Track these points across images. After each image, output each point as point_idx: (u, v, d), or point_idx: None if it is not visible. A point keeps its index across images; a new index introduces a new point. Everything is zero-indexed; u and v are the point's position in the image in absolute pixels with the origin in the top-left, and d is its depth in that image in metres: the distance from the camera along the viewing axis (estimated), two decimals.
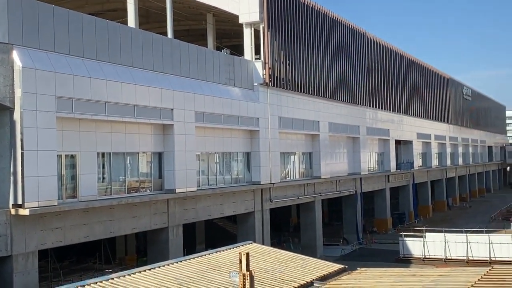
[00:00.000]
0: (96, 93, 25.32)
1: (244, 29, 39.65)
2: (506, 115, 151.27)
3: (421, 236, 43.41)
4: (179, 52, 31.88)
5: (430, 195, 75.39)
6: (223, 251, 19.50)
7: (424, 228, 45.97)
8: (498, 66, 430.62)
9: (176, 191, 30.13)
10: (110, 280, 15.05)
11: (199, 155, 33.54)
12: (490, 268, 16.82)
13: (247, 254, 13.36)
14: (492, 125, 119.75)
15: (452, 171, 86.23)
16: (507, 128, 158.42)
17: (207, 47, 42.57)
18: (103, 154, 26.92)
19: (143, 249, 39.81)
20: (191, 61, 32.74)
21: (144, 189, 29.64)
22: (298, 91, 43.52)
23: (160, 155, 30.44)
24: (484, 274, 15.86)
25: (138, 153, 29.34)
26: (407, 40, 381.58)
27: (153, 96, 28.82)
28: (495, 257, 40.11)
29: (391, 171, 61.98)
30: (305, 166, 46.59)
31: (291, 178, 44.31)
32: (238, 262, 13.52)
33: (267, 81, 39.11)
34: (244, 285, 13.17)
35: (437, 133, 79.89)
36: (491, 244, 40.83)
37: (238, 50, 42.40)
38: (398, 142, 66.80)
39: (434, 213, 73.81)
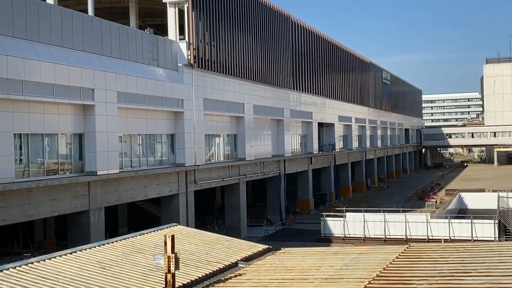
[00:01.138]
0: (12, 72, 24.24)
1: (168, 8, 38.98)
2: (422, 99, 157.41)
3: (341, 216, 44.58)
4: (100, 30, 30.97)
5: (350, 176, 77.50)
6: (147, 233, 19.26)
7: (344, 208, 47.25)
8: (417, 50, 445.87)
9: (98, 173, 29.45)
10: (29, 265, 14.55)
11: (121, 136, 32.88)
12: (407, 246, 17.48)
13: (172, 236, 13.25)
14: (409, 109, 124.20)
15: (371, 153, 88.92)
16: (423, 111, 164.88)
17: (129, 26, 41.58)
18: (20, 135, 25.88)
19: (63, 233, 38.73)
20: (113, 40, 31.89)
21: (63, 171, 28.79)
22: (223, 72, 43.38)
23: (80, 137, 29.60)
24: (402, 252, 16.47)
25: (57, 134, 28.40)
26: (330, 23, 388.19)
27: (73, 75, 27.91)
28: (411, 236, 41.81)
29: (314, 153, 63.17)
30: (230, 148, 46.67)
31: (216, 160, 44.29)
32: (163, 244, 13.40)
33: (192, 62, 38.72)
34: (169, 267, 13.07)
35: (358, 116, 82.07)
36: (407, 223, 42.50)
37: (162, 30, 41.67)
38: (320, 125, 68.09)
39: (354, 194, 75.99)
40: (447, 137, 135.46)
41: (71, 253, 16.10)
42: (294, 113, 58.28)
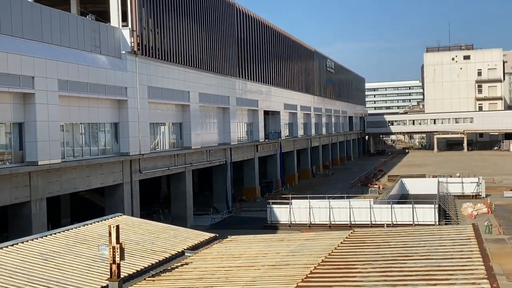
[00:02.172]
0: None
1: None
2: (365, 87, 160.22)
3: (287, 203, 44.99)
4: (40, 17, 30.03)
5: (296, 164, 78.24)
6: (91, 224, 18.91)
7: (290, 196, 47.69)
8: (360, 39, 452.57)
9: (39, 163, 28.69)
10: None
11: (63, 125, 32.11)
12: (351, 231, 17.78)
13: (117, 227, 13.05)
14: (352, 97, 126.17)
15: (316, 140, 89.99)
16: (366, 99, 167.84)
17: (70, 12, 40.48)
18: None
19: (4, 225, 37.57)
20: (53, 27, 30.99)
21: (3, 162, 27.91)
22: (168, 60, 42.88)
23: (20, 126, 28.72)
24: (346, 237, 16.75)
25: None
26: (275, 12, 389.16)
27: (11, 63, 26.99)
28: (355, 221, 42.61)
29: (260, 141, 63.42)
30: (175, 137, 46.29)
31: (161, 148, 43.86)
32: (107, 235, 13.18)
33: (135, 49, 38.09)
34: (114, 257, 12.88)
35: (303, 104, 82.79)
36: (351, 209, 43.29)
37: (104, 16, 40.74)
38: (266, 113, 68.36)
39: (299, 181, 76.81)
40: (389, 124, 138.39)
41: (12, 245, 15.66)
42: (240, 101, 58.27)
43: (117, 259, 12.90)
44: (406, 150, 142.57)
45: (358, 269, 12.95)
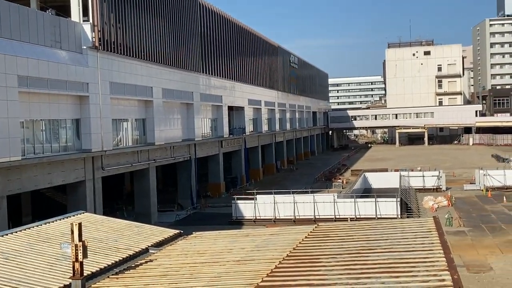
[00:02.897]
0: None
1: None
2: (329, 83, 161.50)
3: (252, 199, 45.08)
4: None
5: (261, 159, 78.43)
6: (53, 222, 18.59)
7: (255, 191, 47.78)
8: (323, 35, 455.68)
9: None
10: None
11: (23, 122, 31.46)
12: (316, 225, 17.90)
13: (79, 224, 12.86)
14: (316, 92, 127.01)
15: (281, 135, 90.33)
16: (330, 94, 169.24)
17: (29, 6, 39.64)
18: None
19: None
20: (12, 22, 30.30)
21: None
22: (130, 55, 42.42)
23: None
24: (310, 232, 16.85)
25: None
26: (238, 8, 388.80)
27: None
28: (319, 215, 42.95)
29: (224, 136, 63.32)
30: (138, 133, 45.86)
31: (124, 145, 43.41)
32: (70, 233, 12.98)
33: (97, 44, 37.57)
34: (76, 256, 12.69)
35: (267, 99, 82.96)
36: (315, 204, 43.61)
37: (64, 11, 40.03)
38: (230, 108, 68.27)
39: (264, 176, 77.03)
40: (352, 119, 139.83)
41: None
42: (204, 96, 58.05)
43: (80, 257, 12.72)
44: (369, 145, 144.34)
45: (322, 263, 13.05)
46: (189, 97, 54.24)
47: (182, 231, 19.14)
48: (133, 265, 15.04)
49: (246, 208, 44.82)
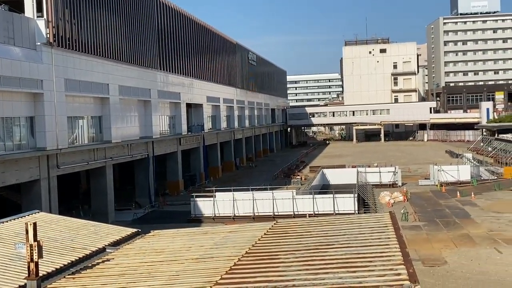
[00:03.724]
0: None
1: None
2: (287, 80, 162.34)
3: (211, 196, 44.95)
4: None
5: (220, 157, 78.28)
6: (7, 222, 18.16)
7: (214, 188, 47.64)
8: (281, 32, 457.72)
9: None
10: None
11: None
12: (274, 222, 17.98)
13: (34, 224, 12.60)
14: (274, 89, 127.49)
15: (240, 133, 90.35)
16: (288, 92, 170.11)
17: None
18: None
19: None
20: None
21: None
22: (86, 52, 41.72)
23: None
24: (269, 228, 16.92)
25: None
26: (199, 4, 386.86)
27: None
28: (278, 212, 43.14)
29: (183, 134, 62.94)
30: (95, 131, 45.17)
31: (80, 143, 42.69)
32: (24, 232, 12.70)
33: (52, 41, 36.82)
34: (31, 256, 12.43)
35: (226, 96, 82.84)
36: (274, 200, 43.79)
37: (18, 7, 39.07)
38: (189, 105, 67.91)
39: (223, 174, 76.89)
40: (310, 116, 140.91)
41: None
42: (162, 94, 57.57)
43: (35, 257, 12.46)
44: (327, 142, 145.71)
45: (281, 259, 13.11)
46: (147, 94, 53.71)
47: (139, 230, 18.96)
48: (90, 265, 14.82)
49: (205, 206, 44.66)
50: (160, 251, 15.68)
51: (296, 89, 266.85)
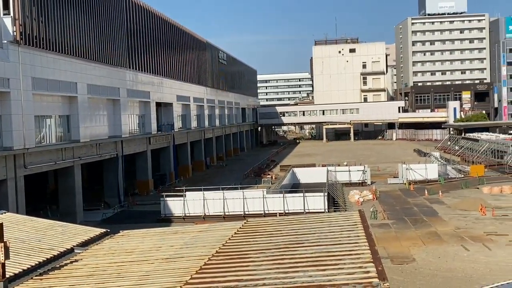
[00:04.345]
0: None
1: None
2: (258, 79, 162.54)
3: (181, 196, 44.76)
4: None
5: (190, 156, 77.96)
6: None
7: (184, 188, 47.45)
8: (251, 32, 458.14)
9: None
10: None
11: None
12: (245, 221, 17.97)
13: (1, 225, 12.37)
14: (245, 88, 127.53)
15: (210, 132, 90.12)
16: (258, 91, 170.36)
17: None
18: None
19: None
20: None
21: None
22: (54, 50, 41.14)
23: None
24: (240, 227, 16.91)
25: None
26: (166, 4, 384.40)
27: None
28: (249, 211, 43.19)
29: (153, 133, 62.53)
30: (63, 130, 44.57)
31: (48, 142, 42.08)
32: None
33: (18, 38, 36.24)
34: None
35: (196, 95, 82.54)
36: (245, 200, 43.81)
37: None
38: (158, 105, 67.49)
39: (193, 173, 76.63)
40: (281, 115, 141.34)
41: None
42: (131, 92, 57.09)
43: (2, 258, 12.24)
44: (297, 141, 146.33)
45: (251, 258, 13.12)
46: (116, 93, 53.19)
47: (108, 230, 18.76)
48: (58, 266, 14.62)
49: (175, 205, 44.46)
50: (130, 251, 15.54)
51: (266, 88, 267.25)
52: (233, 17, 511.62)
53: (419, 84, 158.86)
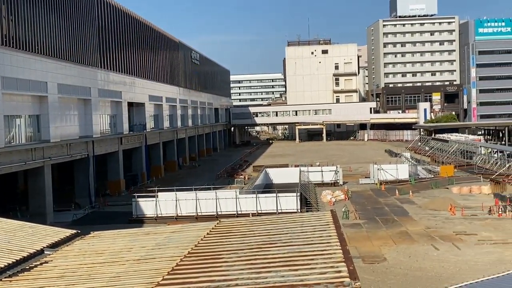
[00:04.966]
0: None
1: None
2: (231, 79, 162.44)
3: (153, 196, 44.46)
4: None
5: (162, 156, 77.51)
6: None
7: (156, 188, 47.14)
8: (225, 32, 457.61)
9: None
10: None
11: None
12: (218, 222, 17.95)
13: None
14: (218, 89, 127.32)
15: (183, 132, 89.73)
16: (231, 91, 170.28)
17: None
18: None
19: None
20: None
21: None
22: (24, 49, 40.54)
23: None
24: (212, 228, 16.88)
25: None
26: (139, 3, 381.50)
27: None
28: (221, 212, 43.09)
29: (124, 133, 62.00)
30: (32, 130, 43.92)
31: (17, 142, 41.43)
32: None
33: None
34: None
35: (168, 95, 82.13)
36: (218, 200, 43.70)
37: None
38: (130, 104, 66.97)
39: (166, 173, 76.17)
40: (254, 116, 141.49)
41: None
42: (103, 92, 56.53)
43: None
44: (270, 141, 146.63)
45: (224, 259, 13.10)
46: (87, 93, 52.63)
47: (79, 231, 18.55)
48: (28, 267, 14.40)
49: (147, 206, 44.13)
50: (101, 253, 15.39)
51: (239, 88, 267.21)
52: (206, 17, 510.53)
53: (390, 85, 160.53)
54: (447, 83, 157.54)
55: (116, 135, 60.40)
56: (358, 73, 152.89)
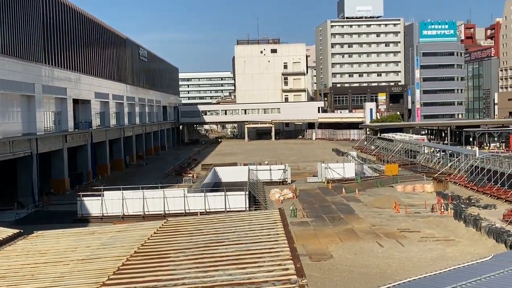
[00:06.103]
0: None
1: None
2: (179, 77, 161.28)
3: (99, 195, 43.70)
4: None
5: (109, 154, 76.25)
6: None
7: (102, 187, 46.35)
8: (176, 30, 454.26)
9: None
10: None
11: None
12: (165, 221, 17.82)
13: None
14: (166, 86, 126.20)
15: (130, 130, 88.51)
16: (180, 89, 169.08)
17: None
18: None
19: None
20: None
21: None
22: None
23: None
24: (160, 227, 16.75)
25: None
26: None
27: None
28: (169, 211, 42.73)
29: (69, 130, 60.70)
30: None
31: None
32: None
33: None
34: None
35: (115, 92, 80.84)
36: (165, 199, 43.34)
37: None
38: (76, 101, 65.62)
39: (112, 172, 74.99)
40: (202, 114, 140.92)
41: None
42: (47, 88, 55.16)
43: None
44: (219, 140, 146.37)
45: (171, 258, 13.01)
46: (30, 89, 51.25)
47: (22, 231, 18.07)
48: None
49: (92, 205, 43.35)
50: (44, 252, 15.04)
51: (188, 86, 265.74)
52: (155, 14, 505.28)
53: (338, 85, 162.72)
54: (392, 83, 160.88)
55: (61, 132, 59.03)
56: (307, 72, 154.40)
